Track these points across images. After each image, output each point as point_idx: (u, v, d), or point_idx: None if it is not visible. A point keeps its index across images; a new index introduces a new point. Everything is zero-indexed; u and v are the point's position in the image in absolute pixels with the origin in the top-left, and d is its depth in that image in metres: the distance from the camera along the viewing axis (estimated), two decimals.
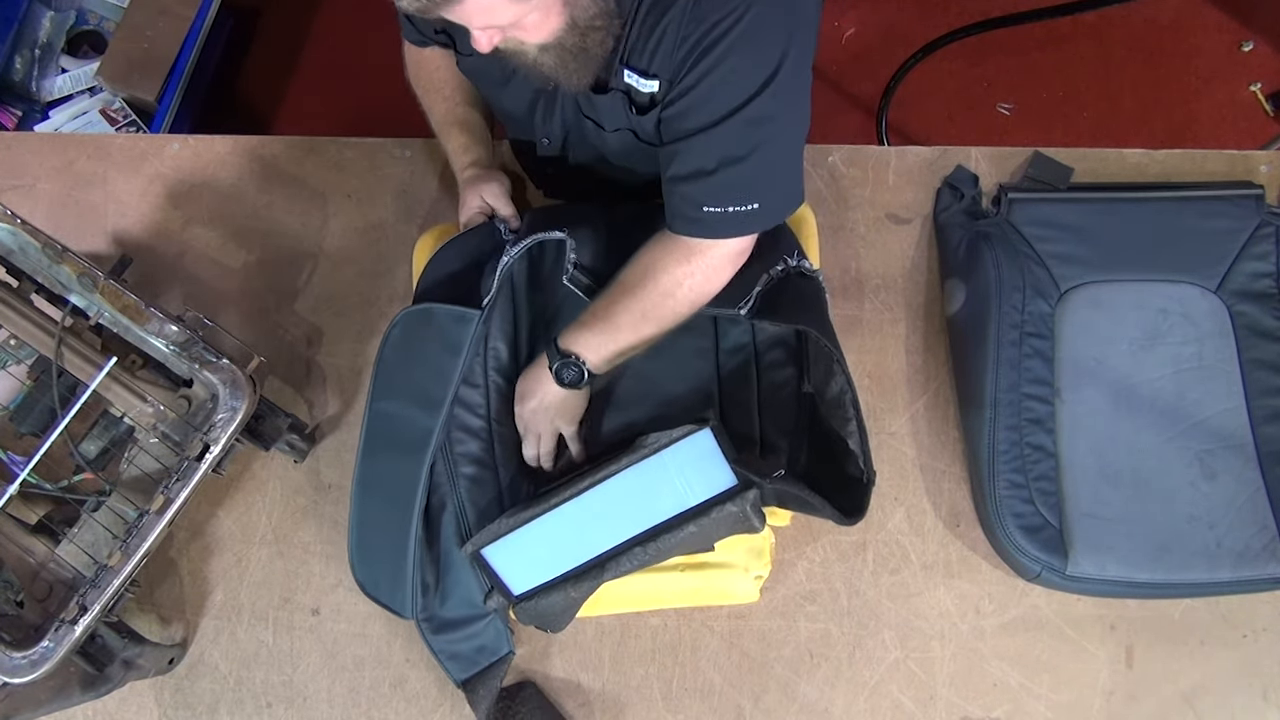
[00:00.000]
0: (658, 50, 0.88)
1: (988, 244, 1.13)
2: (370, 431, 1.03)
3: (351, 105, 2.18)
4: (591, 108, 0.98)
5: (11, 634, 0.92)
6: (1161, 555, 1.04)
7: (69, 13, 2.01)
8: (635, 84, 0.91)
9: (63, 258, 0.98)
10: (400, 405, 1.01)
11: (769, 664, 1.08)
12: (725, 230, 0.94)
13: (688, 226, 0.94)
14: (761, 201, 0.92)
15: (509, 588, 1.02)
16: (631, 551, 0.99)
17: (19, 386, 1.02)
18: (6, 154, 1.29)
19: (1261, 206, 1.15)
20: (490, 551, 1.01)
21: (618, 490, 0.99)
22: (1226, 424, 1.08)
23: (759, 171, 0.91)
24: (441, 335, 1.01)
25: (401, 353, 1.03)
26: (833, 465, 1.00)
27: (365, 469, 1.03)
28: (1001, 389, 1.07)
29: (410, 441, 1.00)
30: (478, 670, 1.05)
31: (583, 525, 1.00)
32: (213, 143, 1.28)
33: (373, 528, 1.02)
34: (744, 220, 0.93)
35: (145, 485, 1.01)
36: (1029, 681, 1.06)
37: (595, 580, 0.99)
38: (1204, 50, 2.12)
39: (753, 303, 1.00)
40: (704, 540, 1.00)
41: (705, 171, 0.90)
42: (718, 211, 0.92)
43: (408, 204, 1.24)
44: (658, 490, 0.99)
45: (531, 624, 1.04)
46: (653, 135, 0.96)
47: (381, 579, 1.01)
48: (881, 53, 2.10)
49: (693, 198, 0.92)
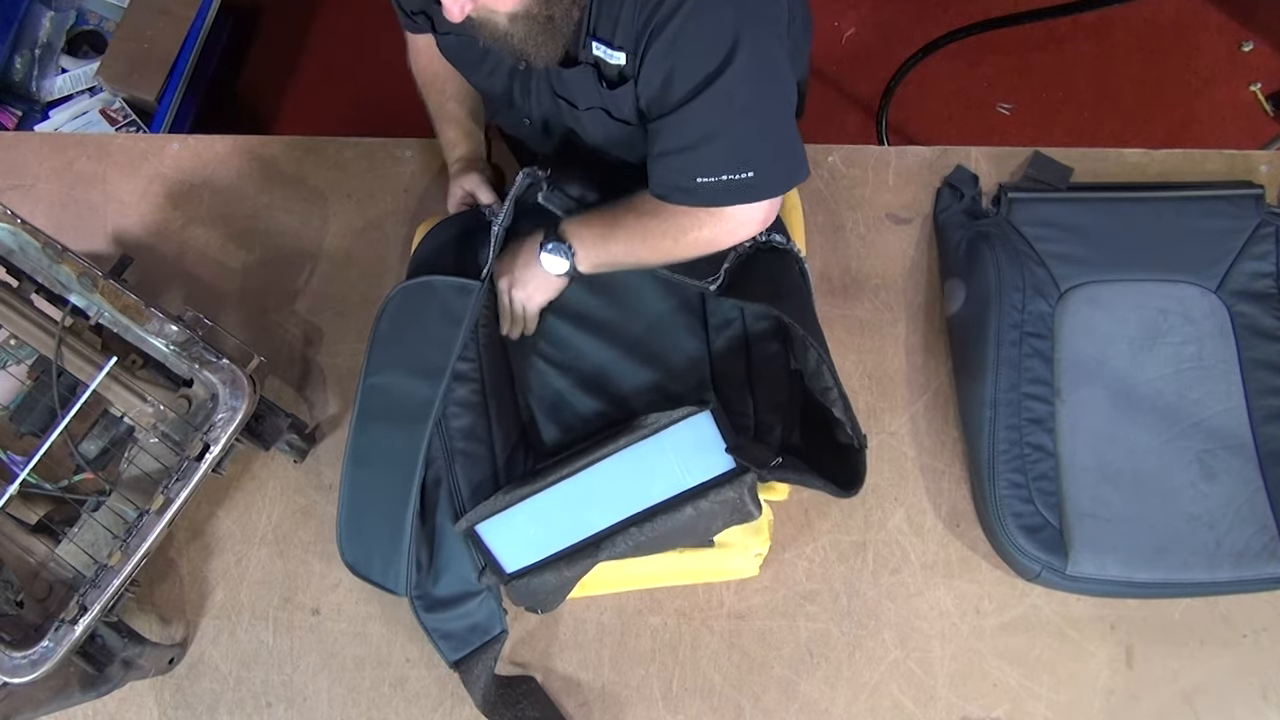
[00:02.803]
0: (619, 19, 0.88)
1: (988, 244, 1.13)
2: (364, 406, 1.03)
3: (351, 105, 2.18)
4: (563, 85, 0.98)
5: (11, 634, 0.93)
6: (1161, 555, 1.04)
7: (69, 13, 2.01)
8: (604, 55, 0.91)
9: (63, 258, 0.98)
10: (397, 377, 1.02)
11: (769, 664, 1.08)
12: (724, 199, 0.94)
13: (684, 197, 0.94)
14: (756, 170, 0.92)
15: (502, 565, 1.01)
16: (627, 532, 0.98)
17: (19, 386, 1.02)
18: (6, 154, 1.29)
19: (1261, 206, 1.15)
20: (484, 528, 1.00)
21: (615, 470, 0.98)
22: (1226, 424, 1.08)
23: (745, 140, 0.91)
24: (443, 306, 1.02)
25: (398, 326, 1.04)
26: (826, 436, 1.00)
27: (359, 443, 1.02)
28: (1001, 389, 1.07)
29: (409, 412, 1.00)
30: (470, 650, 1.04)
31: (579, 504, 0.99)
32: (213, 143, 1.28)
33: (366, 503, 1.01)
34: (742, 189, 0.93)
35: (145, 485, 1.01)
36: (1029, 681, 1.06)
37: (589, 560, 0.99)
38: (1204, 50, 2.12)
39: (722, 279, 1.02)
40: (701, 529, 1.00)
41: (688, 146, 0.91)
42: (712, 181, 0.92)
43: (408, 204, 1.24)
44: (655, 471, 0.98)
45: (523, 603, 1.04)
46: (628, 113, 0.96)
47: (374, 556, 1.01)
48: (881, 53, 2.10)
49: (685, 169, 0.92)
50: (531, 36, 0.89)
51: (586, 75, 0.95)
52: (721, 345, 1.07)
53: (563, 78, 0.97)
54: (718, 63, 0.86)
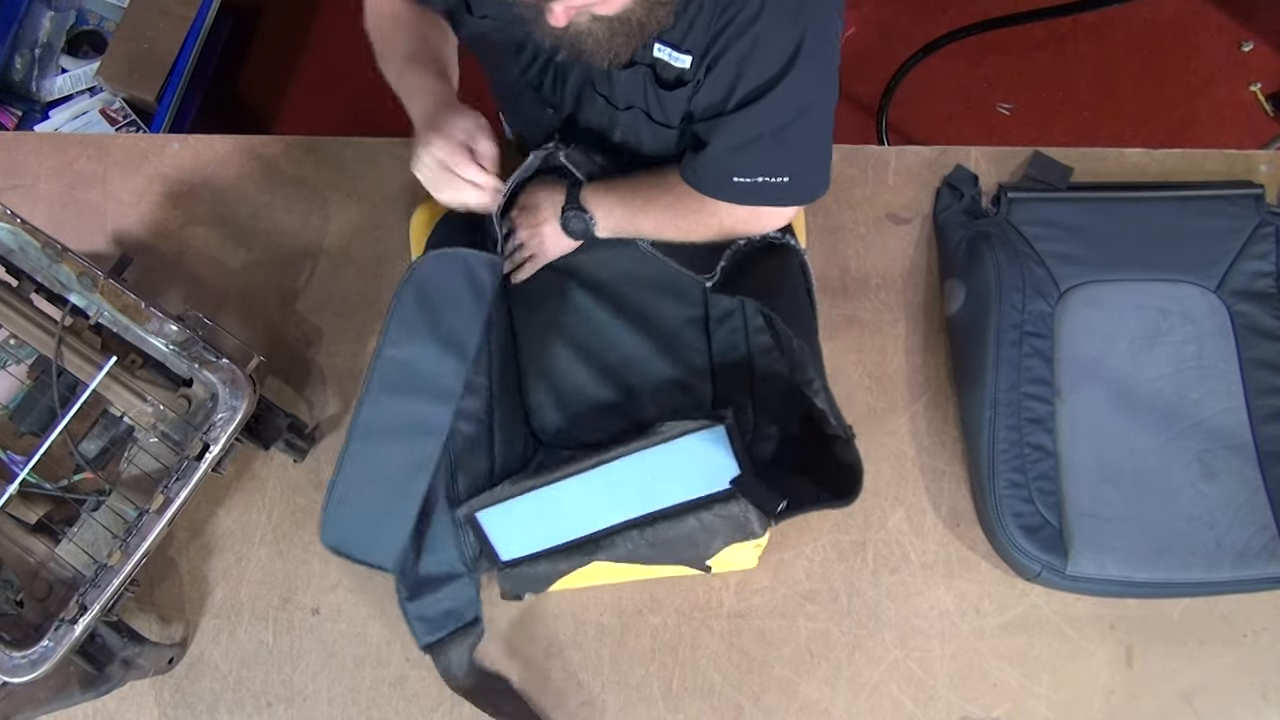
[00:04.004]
0: (693, 24, 0.87)
1: (987, 244, 1.13)
2: (382, 378, 0.95)
3: (351, 105, 2.18)
4: (607, 83, 0.97)
5: (11, 633, 0.93)
6: (1161, 555, 1.04)
7: (69, 13, 2.01)
8: (666, 58, 0.91)
9: (63, 257, 0.98)
10: (423, 350, 0.95)
11: (769, 664, 1.08)
12: (752, 199, 0.95)
13: (715, 191, 0.96)
14: (793, 175, 0.93)
15: (498, 552, 1.01)
16: (627, 534, 0.98)
17: (19, 386, 1.02)
18: (6, 154, 1.29)
19: (1261, 206, 1.15)
20: (485, 515, 1.00)
21: (623, 471, 0.98)
22: (1226, 424, 1.08)
23: (790, 147, 0.92)
24: (471, 279, 0.96)
25: (426, 296, 0.96)
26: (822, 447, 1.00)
27: (369, 416, 0.96)
28: (1001, 389, 1.07)
29: (435, 386, 0.95)
30: (444, 634, 1.02)
31: (583, 501, 0.99)
32: (213, 143, 1.28)
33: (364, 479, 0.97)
34: (773, 192, 0.94)
35: (145, 485, 1.01)
36: (1029, 681, 1.06)
37: (586, 556, 0.99)
38: (1204, 50, 2.12)
39: (717, 276, 1.03)
40: (702, 544, 1.00)
41: (735, 147, 0.91)
42: (746, 182, 0.93)
43: (407, 204, 1.24)
44: (663, 477, 0.98)
45: (511, 589, 1.03)
46: (671, 116, 0.96)
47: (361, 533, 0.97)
48: (881, 53, 2.10)
49: (725, 167, 0.93)
50: (611, 37, 0.85)
51: (638, 76, 0.94)
52: (721, 342, 1.07)
53: (612, 77, 0.95)
54: (779, 69, 0.87)
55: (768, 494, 0.96)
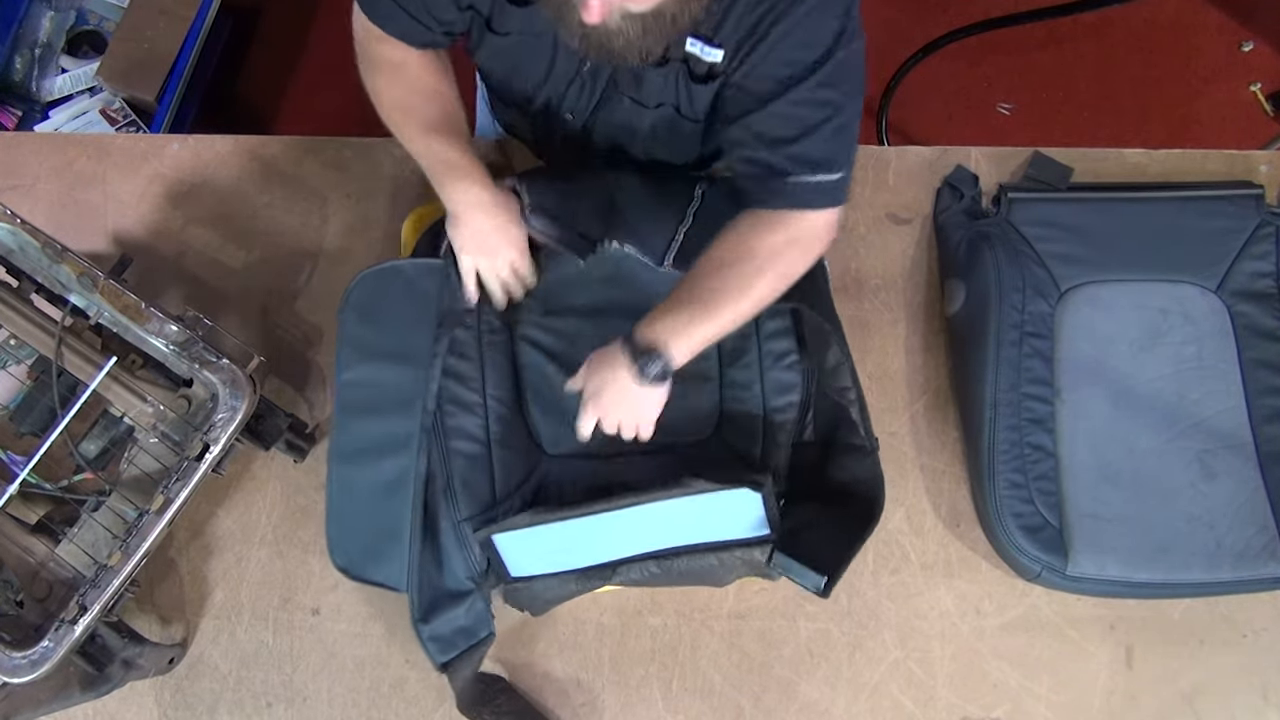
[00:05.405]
0: (727, 16, 0.86)
1: (988, 244, 1.13)
2: (343, 403, 1.01)
3: (351, 105, 2.16)
4: (634, 85, 0.96)
5: (11, 634, 0.93)
6: (1161, 555, 1.04)
7: (69, 13, 2.01)
8: (699, 52, 0.89)
9: (63, 257, 0.98)
10: (375, 369, 1.01)
11: (769, 664, 1.08)
12: (816, 201, 0.92)
13: (777, 200, 0.92)
14: (844, 170, 0.91)
15: (507, 569, 1.01)
16: (644, 564, 0.99)
17: (19, 386, 1.02)
18: (6, 154, 1.29)
19: (1261, 206, 1.15)
20: (500, 537, 1.00)
21: (648, 513, 0.97)
22: (1226, 424, 1.08)
23: (837, 136, 0.90)
24: (410, 288, 1.02)
25: (365, 315, 1.03)
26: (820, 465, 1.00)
27: (341, 441, 1.01)
28: (1001, 389, 1.07)
29: (395, 399, 0.99)
30: (458, 653, 1.01)
31: (603, 535, 0.98)
32: (213, 143, 1.28)
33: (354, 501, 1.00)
34: (832, 190, 0.91)
35: (145, 485, 1.01)
36: (1029, 681, 1.06)
37: (600, 580, 0.99)
38: (1204, 50, 2.12)
39: None
40: (719, 576, 1.02)
41: (786, 139, 0.89)
42: (806, 181, 0.90)
43: (407, 204, 1.24)
44: (688, 521, 0.98)
45: (516, 604, 1.03)
46: (700, 110, 0.95)
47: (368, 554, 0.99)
48: (881, 53, 2.09)
49: (778, 168, 0.90)
50: (645, 33, 0.84)
51: (670, 72, 0.93)
52: (728, 355, 1.06)
53: (641, 77, 0.94)
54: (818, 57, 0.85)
55: (810, 574, 0.94)
